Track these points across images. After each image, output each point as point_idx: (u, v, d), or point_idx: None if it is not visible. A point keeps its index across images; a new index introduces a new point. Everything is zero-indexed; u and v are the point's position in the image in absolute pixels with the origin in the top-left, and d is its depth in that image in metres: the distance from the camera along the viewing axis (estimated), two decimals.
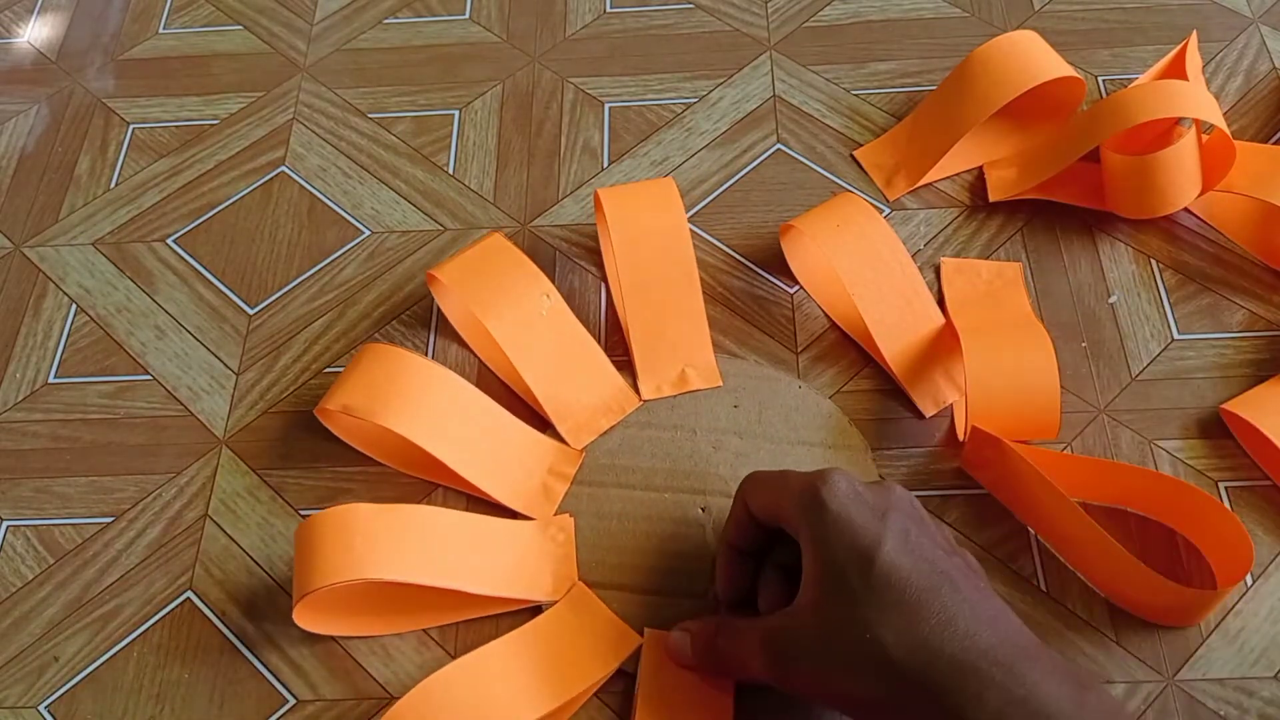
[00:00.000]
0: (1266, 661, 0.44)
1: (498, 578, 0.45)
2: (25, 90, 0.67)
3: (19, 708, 0.45)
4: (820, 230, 0.51)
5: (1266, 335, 0.52)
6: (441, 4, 0.69)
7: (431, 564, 0.44)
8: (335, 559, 0.42)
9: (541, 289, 0.51)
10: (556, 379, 0.50)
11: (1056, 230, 0.56)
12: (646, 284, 0.52)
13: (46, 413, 0.54)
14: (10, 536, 0.50)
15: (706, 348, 0.52)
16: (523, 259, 0.51)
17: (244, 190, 0.61)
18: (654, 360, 0.52)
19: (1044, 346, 0.48)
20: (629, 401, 0.51)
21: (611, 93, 0.64)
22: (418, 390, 0.47)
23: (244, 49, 0.68)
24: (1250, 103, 0.60)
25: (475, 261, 0.51)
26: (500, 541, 0.47)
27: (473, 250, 0.52)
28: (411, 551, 0.44)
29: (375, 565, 0.43)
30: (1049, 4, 0.66)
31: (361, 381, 0.48)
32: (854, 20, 0.66)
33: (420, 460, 0.48)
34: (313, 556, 0.43)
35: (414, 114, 0.64)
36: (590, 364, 0.52)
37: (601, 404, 0.51)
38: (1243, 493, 0.48)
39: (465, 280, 0.51)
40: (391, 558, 0.43)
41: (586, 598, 0.46)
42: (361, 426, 0.50)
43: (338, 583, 0.42)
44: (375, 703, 0.45)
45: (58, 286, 0.58)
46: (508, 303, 0.50)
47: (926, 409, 0.50)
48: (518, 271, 0.51)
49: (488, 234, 0.53)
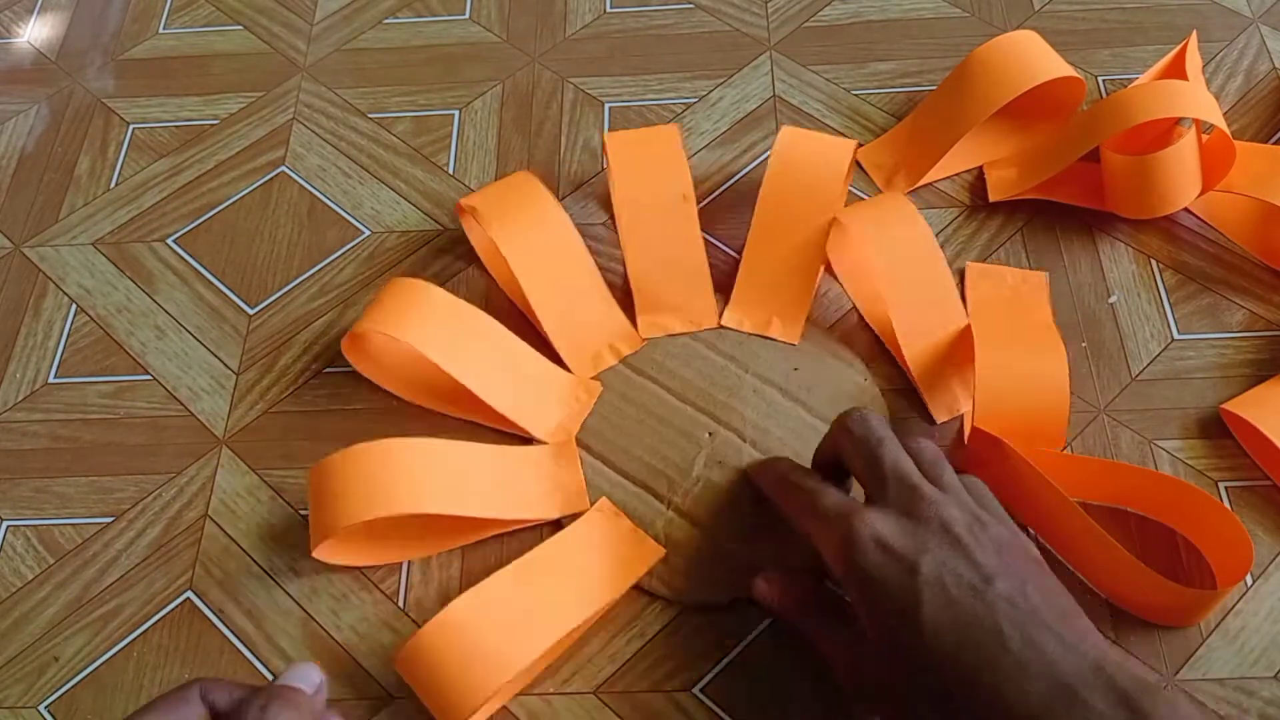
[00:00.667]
0: (1266, 661, 0.44)
1: (515, 501, 0.47)
2: (25, 90, 0.67)
3: (19, 708, 0.45)
4: (862, 225, 0.52)
5: (1266, 335, 0.52)
6: (441, 4, 0.69)
7: (449, 493, 0.46)
8: (354, 497, 0.44)
9: (563, 220, 0.54)
10: (564, 311, 0.53)
11: (1056, 230, 0.56)
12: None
13: (46, 413, 0.54)
14: (10, 536, 0.50)
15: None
16: (548, 195, 0.54)
17: (244, 190, 0.61)
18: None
19: (1057, 355, 0.48)
20: (632, 341, 0.53)
21: (611, 93, 0.64)
22: (441, 316, 0.50)
23: (244, 49, 0.68)
24: (1250, 103, 0.60)
25: (502, 191, 0.54)
26: (515, 466, 0.48)
27: (501, 183, 0.55)
28: (429, 482, 0.46)
29: (396, 500, 0.44)
30: (1049, 4, 0.66)
31: (389, 309, 0.50)
32: (854, 20, 0.66)
33: (439, 390, 0.50)
34: (331, 495, 0.44)
35: (414, 114, 0.64)
36: (595, 299, 0.54)
37: (605, 339, 0.53)
38: (1243, 493, 0.48)
39: (491, 209, 0.53)
40: (410, 490, 0.45)
41: (609, 511, 0.48)
42: (383, 360, 0.52)
43: (359, 521, 0.43)
44: (375, 703, 0.45)
45: (58, 286, 0.58)
46: (527, 229, 0.53)
47: (939, 415, 0.50)
48: (542, 204, 0.54)
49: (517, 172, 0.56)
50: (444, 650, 0.42)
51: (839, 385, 0.51)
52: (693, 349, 0.53)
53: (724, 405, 0.51)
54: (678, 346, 0.53)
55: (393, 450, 0.46)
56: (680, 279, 0.54)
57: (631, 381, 0.52)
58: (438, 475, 0.46)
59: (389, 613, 0.47)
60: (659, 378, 0.52)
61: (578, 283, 0.54)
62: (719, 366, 0.52)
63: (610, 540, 0.47)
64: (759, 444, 0.50)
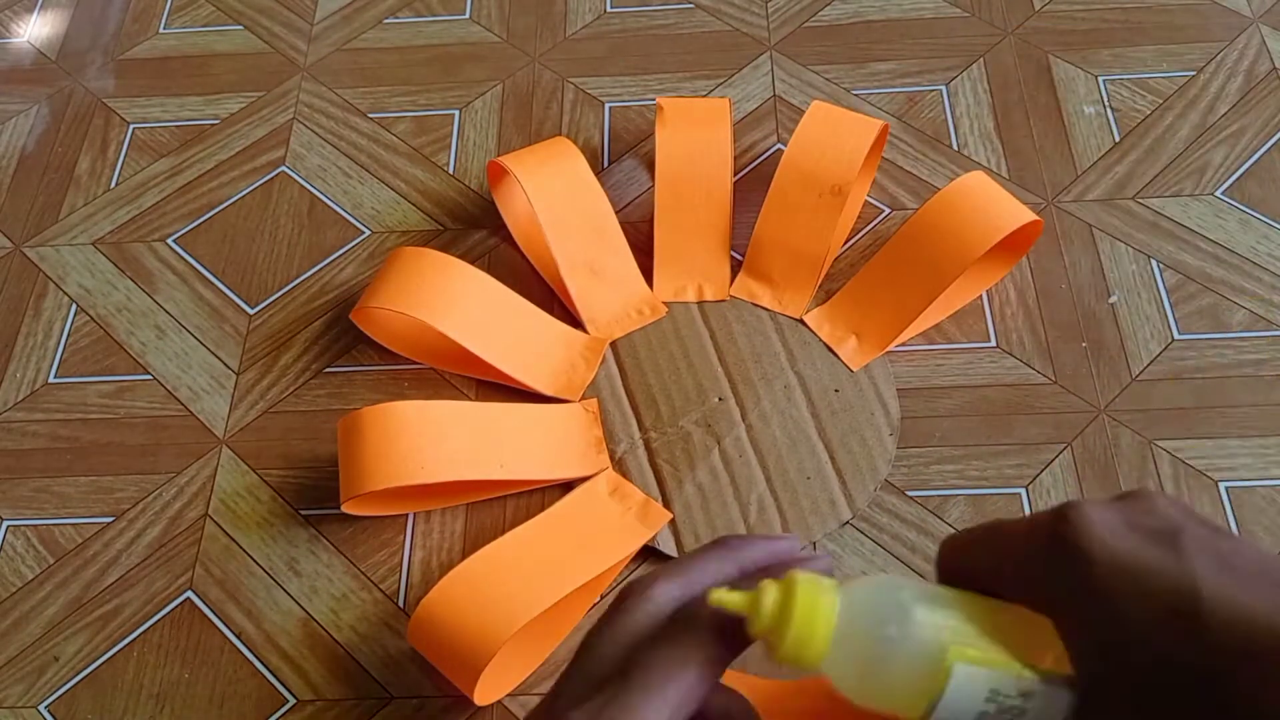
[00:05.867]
0: None
1: (538, 461, 0.49)
2: (25, 90, 0.67)
3: (19, 708, 0.45)
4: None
5: (1266, 335, 0.52)
6: (442, 4, 0.69)
7: (474, 457, 0.48)
8: (382, 460, 0.46)
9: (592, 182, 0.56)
10: (587, 269, 0.54)
11: (1056, 230, 0.56)
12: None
13: (46, 413, 0.54)
14: (10, 536, 0.50)
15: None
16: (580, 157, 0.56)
17: (244, 190, 0.61)
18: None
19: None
20: (651, 304, 0.55)
21: (611, 93, 0.64)
22: (447, 285, 0.51)
23: (244, 49, 0.68)
24: (1250, 103, 0.60)
25: (537, 151, 0.56)
26: (537, 425, 0.50)
27: (537, 145, 0.57)
28: (454, 448, 0.47)
29: (421, 468, 0.46)
30: (1049, 4, 0.66)
31: (395, 281, 0.51)
32: (854, 20, 0.66)
33: (451, 353, 0.52)
34: (360, 456, 0.46)
35: (414, 114, 0.64)
36: (620, 259, 0.55)
37: (625, 301, 0.55)
38: (1243, 493, 0.48)
39: (525, 164, 0.55)
40: (437, 457, 0.46)
41: (614, 478, 0.49)
42: (393, 326, 0.54)
43: (392, 485, 0.45)
44: (375, 703, 0.45)
45: (58, 286, 0.58)
46: (556, 181, 0.55)
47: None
48: (574, 165, 0.55)
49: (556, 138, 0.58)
50: (454, 606, 0.43)
51: (861, 427, 0.51)
52: (762, 323, 0.54)
53: (749, 383, 0.52)
54: (751, 314, 0.54)
55: (425, 411, 0.48)
56: (703, 248, 0.56)
57: (693, 322, 0.54)
58: (465, 439, 0.48)
59: (389, 613, 0.47)
60: (716, 330, 0.53)
61: (602, 241, 0.55)
62: (773, 350, 0.53)
63: (617, 505, 0.48)
64: (752, 430, 0.50)
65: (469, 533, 0.49)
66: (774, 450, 0.50)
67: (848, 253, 0.56)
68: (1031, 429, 0.50)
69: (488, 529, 0.49)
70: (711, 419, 0.51)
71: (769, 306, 0.54)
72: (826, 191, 0.54)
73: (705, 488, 0.49)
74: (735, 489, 0.49)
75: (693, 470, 0.49)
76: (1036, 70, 0.63)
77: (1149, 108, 0.60)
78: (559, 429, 0.50)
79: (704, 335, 0.53)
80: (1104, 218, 0.56)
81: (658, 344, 0.53)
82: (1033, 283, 0.54)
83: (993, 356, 0.52)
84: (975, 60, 0.64)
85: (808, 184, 0.54)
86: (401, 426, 0.47)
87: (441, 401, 0.50)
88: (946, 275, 0.51)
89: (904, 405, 0.51)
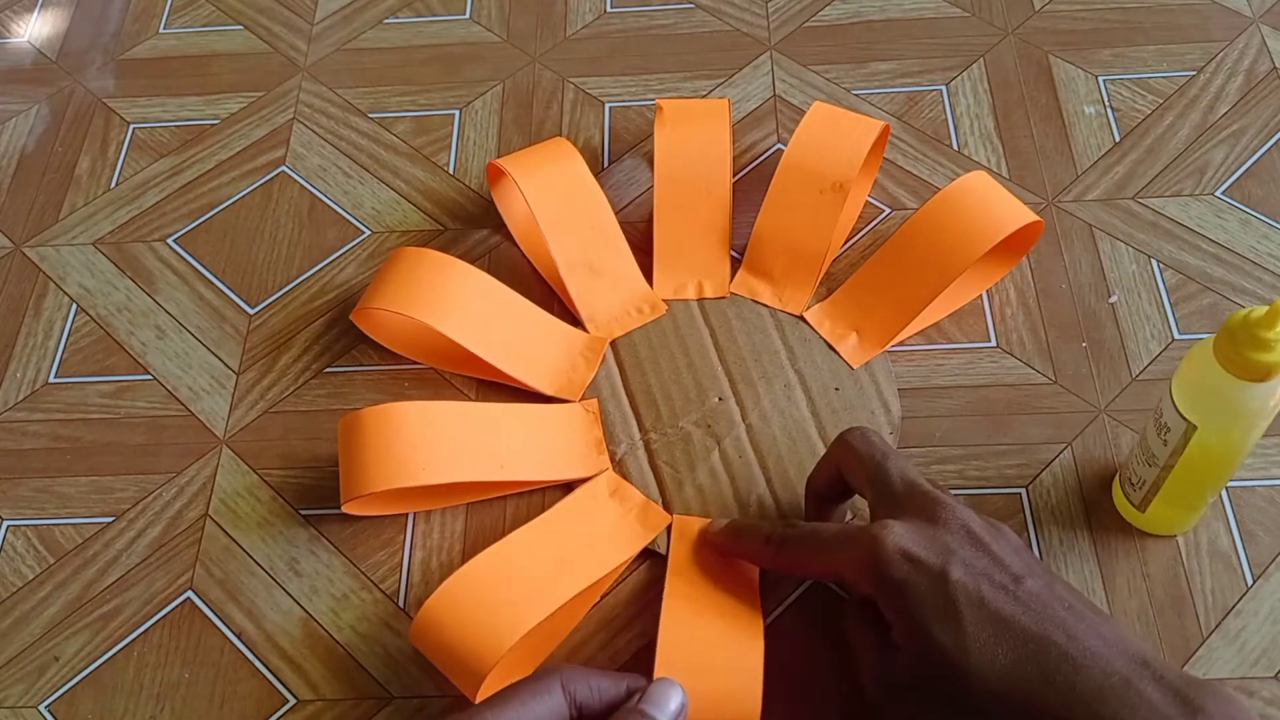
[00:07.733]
0: (1267, 661, 0.44)
1: (539, 462, 0.49)
2: (25, 90, 0.67)
3: (19, 708, 0.45)
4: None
5: None
6: (442, 4, 0.69)
7: (474, 458, 0.47)
8: (383, 461, 0.46)
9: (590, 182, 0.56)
10: (586, 268, 0.54)
11: (1056, 230, 0.56)
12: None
13: (47, 413, 0.54)
14: (10, 536, 0.50)
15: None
16: (578, 158, 0.56)
17: (244, 190, 0.61)
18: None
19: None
20: (651, 302, 0.54)
21: (611, 93, 0.64)
22: (446, 285, 0.51)
23: (244, 49, 0.68)
24: (1251, 103, 0.60)
25: (535, 152, 0.56)
26: (538, 425, 0.50)
27: (535, 146, 0.57)
28: (455, 449, 0.47)
29: (421, 469, 0.46)
30: (1049, 4, 0.66)
31: (395, 281, 0.51)
32: (854, 20, 0.66)
33: (451, 353, 0.51)
34: (365, 455, 0.46)
35: (414, 114, 0.64)
36: (618, 257, 0.55)
37: (624, 299, 0.55)
38: (1243, 493, 0.48)
39: (522, 165, 0.55)
40: (437, 458, 0.46)
41: (614, 479, 0.49)
42: (393, 326, 0.53)
43: (393, 487, 0.45)
44: (375, 703, 0.45)
45: (58, 286, 0.58)
46: (555, 183, 0.55)
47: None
48: (572, 165, 0.56)
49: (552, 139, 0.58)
50: (458, 609, 0.43)
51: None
52: (762, 320, 0.54)
53: (749, 382, 0.52)
54: (751, 312, 0.54)
55: (426, 411, 0.47)
56: (703, 245, 0.55)
57: (694, 320, 0.54)
58: (466, 440, 0.48)
59: (389, 613, 0.47)
60: (716, 328, 0.53)
61: (601, 240, 0.55)
62: (773, 347, 0.53)
63: (617, 507, 0.48)
64: (753, 430, 0.50)
65: (469, 533, 0.49)
66: (774, 450, 0.50)
67: (848, 252, 0.56)
68: (1031, 429, 0.50)
69: (488, 529, 0.49)
70: (711, 419, 0.51)
71: (769, 303, 0.54)
72: (827, 188, 0.54)
73: (705, 489, 0.49)
74: (735, 490, 0.49)
75: (693, 471, 0.49)
76: (1037, 70, 0.63)
77: (1149, 108, 0.60)
78: (559, 430, 0.50)
79: (704, 333, 0.53)
80: (1104, 218, 0.56)
81: (658, 343, 0.53)
82: (1033, 282, 0.55)
83: (993, 356, 0.53)
84: (975, 60, 0.64)
85: (808, 181, 0.54)
86: (402, 427, 0.46)
87: (442, 402, 0.50)
88: (948, 273, 0.51)
89: (904, 405, 0.51)
